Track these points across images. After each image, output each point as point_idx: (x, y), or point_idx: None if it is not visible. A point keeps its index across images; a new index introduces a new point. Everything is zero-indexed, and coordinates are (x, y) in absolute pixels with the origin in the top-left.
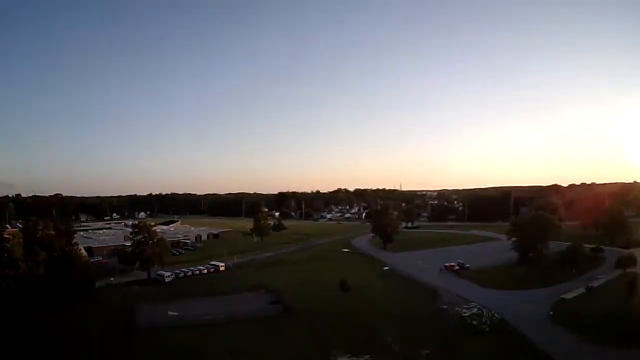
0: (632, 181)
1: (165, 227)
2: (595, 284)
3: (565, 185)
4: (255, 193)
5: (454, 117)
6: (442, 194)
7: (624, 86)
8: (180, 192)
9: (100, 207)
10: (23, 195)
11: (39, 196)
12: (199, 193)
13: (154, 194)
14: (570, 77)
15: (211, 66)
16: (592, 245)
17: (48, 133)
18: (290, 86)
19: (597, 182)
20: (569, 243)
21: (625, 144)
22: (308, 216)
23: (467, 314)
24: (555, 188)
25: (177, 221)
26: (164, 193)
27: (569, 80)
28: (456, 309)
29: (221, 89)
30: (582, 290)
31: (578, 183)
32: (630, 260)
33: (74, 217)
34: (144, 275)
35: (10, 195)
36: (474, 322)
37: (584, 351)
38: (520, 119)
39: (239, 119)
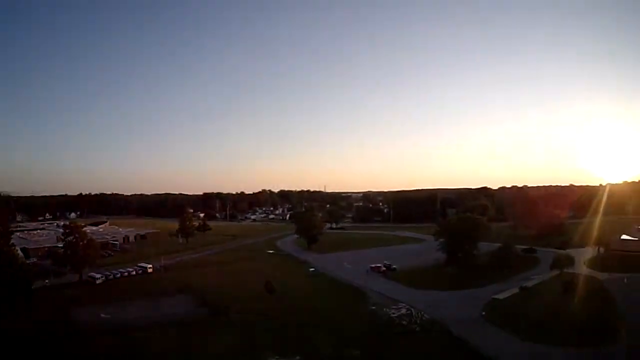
0: (568, 184)
1: (94, 228)
2: (529, 284)
3: (495, 188)
4: (180, 194)
5: (378, 120)
6: (367, 196)
7: (558, 91)
8: (109, 193)
9: (34, 207)
10: None
11: None
12: (126, 193)
13: (83, 194)
14: (502, 81)
15: (134, 66)
16: (525, 246)
17: None
18: (212, 86)
19: (530, 185)
20: (499, 244)
21: (561, 148)
22: (233, 217)
23: (396, 315)
24: (484, 190)
25: (106, 222)
26: (92, 193)
27: (502, 83)
28: (385, 309)
29: (145, 90)
30: (515, 290)
31: (509, 186)
32: (568, 261)
33: (10, 217)
34: (77, 277)
35: None
36: (404, 322)
37: (519, 349)
38: (448, 122)
39: (163, 119)
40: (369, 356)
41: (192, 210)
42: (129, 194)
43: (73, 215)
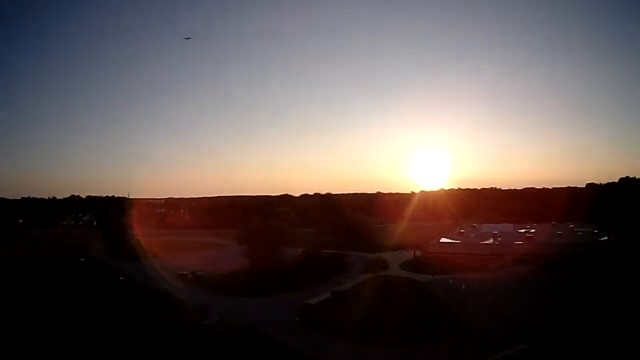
0: (375, 192)
1: None
2: (341, 287)
3: (297, 195)
4: (2, 198)
5: (175, 125)
6: (169, 202)
7: (363, 96)
8: None
9: None
10: None
11: None
12: None
13: None
14: (306, 85)
15: None
16: (333, 251)
17: None
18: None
19: (334, 193)
20: (304, 249)
21: (368, 157)
22: (46, 223)
23: (208, 322)
24: (285, 197)
25: None
26: None
27: (305, 88)
28: (196, 317)
29: None
30: (327, 294)
31: (312, 193)
32: (381, 264)
33: None
34: None
35: None
36: (217, 330)
37: (338, 350)
38: (248, 127)
39: None
40: None
41: (13, 216)
42: None
43: None
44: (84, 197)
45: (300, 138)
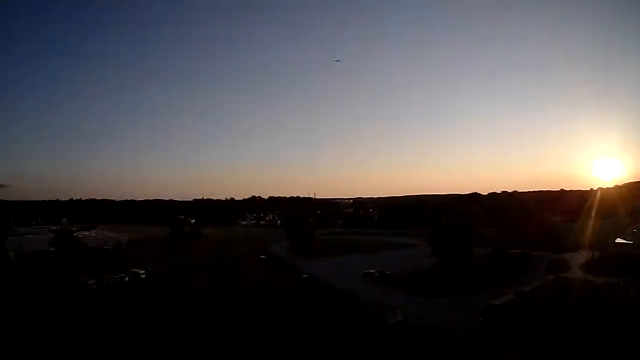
0: (559, 189)
1: (86, 233)
2: (525, 289)
3: (485, 193)
4: (171, 200)
5: (367, 126)
6: (357, 202)
7: (548, 96)
8: (99, 198)
9: (24, 212)
10: None
11: None
12: (116, 199)
13: (74, 199)
14: (491, 87)
15: (126, 69)
16: (518, 251)
17: None
18: (204, 92)
19: (520, 191)
20: (492, 249)
21: (550, 153)
22: (223, 223)
23: (392, 322)
24: (474, 196)
25: (97, 226)
26: (83, 198)
27: (491, 89)
28: (382, 317)
29: (137, 94)
30: (512, 295)
31: (499, 191)
32: (563, 265)
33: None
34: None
35: None
36: (401, 329)
37: (519, 355)
38: (437, 128)
39: (154, 124)
40: None
41: (182, 216)
42: (119, 199)
43: (64, 220)
44: (265, 197)
45: (490, 138)
